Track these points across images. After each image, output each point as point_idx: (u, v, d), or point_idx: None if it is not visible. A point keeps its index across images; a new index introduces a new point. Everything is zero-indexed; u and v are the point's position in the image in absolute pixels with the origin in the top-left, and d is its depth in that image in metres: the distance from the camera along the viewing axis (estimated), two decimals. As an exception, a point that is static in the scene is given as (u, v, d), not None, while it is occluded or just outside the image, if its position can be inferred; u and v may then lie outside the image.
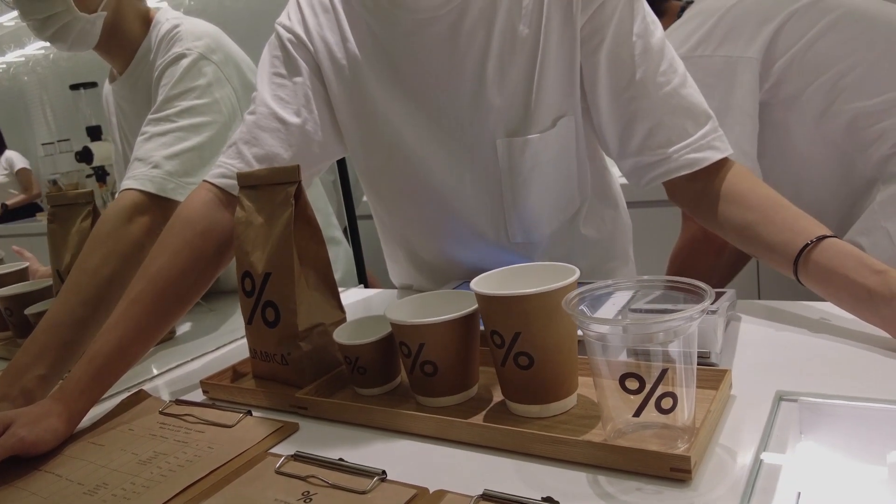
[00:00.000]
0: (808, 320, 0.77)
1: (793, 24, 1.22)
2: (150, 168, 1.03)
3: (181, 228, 0.85)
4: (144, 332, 0.80)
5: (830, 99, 1.20)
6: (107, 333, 0.78)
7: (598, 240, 1.01)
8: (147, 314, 0.80)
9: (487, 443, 0.60)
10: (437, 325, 0.65)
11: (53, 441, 0.71)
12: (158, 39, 1.15)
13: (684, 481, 0.51)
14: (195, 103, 1.09)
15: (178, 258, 0.83)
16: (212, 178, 0.90)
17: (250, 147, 0.90)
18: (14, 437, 0.68)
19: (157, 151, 1.05)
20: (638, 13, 0.84)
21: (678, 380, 0.52)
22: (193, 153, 1.06)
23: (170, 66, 1.11)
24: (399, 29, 0.88)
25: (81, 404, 0.75)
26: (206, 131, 1.09)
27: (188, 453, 0.66)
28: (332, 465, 0.59)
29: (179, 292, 0.83)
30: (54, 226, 1.08)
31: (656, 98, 0.83)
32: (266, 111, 0.91)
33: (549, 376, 0.61)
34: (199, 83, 1.10)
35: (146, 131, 1.08)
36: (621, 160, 0.89)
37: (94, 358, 0.76)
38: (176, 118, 1.08)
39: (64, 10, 1.05)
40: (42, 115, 3.73)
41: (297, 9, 0.94)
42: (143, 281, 0.81)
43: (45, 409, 0.73)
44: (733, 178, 0.82)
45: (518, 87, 0.87)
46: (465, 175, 0.93)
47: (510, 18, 0.85)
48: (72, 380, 0.75)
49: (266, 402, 0.77)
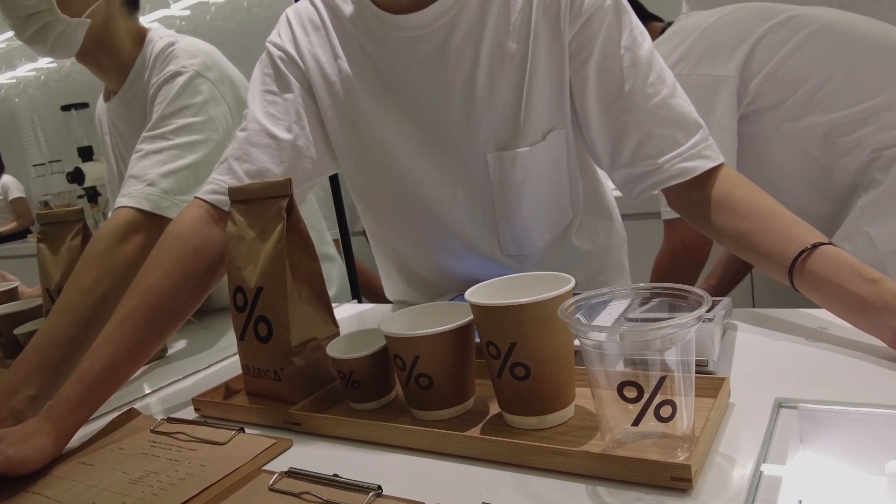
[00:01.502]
0: (804, 328, 0.77)
1: (768, 41, 1.25)
2: (146, 186, 1.03)
3: (173, 245, 0.84)
4: (135, 349, 0.78)
5: (807, 111, 1.22)
6: (97, 351, 0.76)
7: (592, 251, 1.01)
8: (137, 331, 0.78)
9: (484, 456, 0.60)
10: (432, 337, 0.64)
11: (42, 460, 0.70)
12: (153, 57, 1.15)
13: (685, 491, 0.50)
14: (191, 121, 1.09)
15: (169, 275, 0.82)
16: (203, 195, 0.89)
17: (241, 163, 0.90)
18: (1, 455, 0.67)
19: (152, 169, 1.04)
20: (625, 26, 0.84)
21: (677, 388, 0.52)
22: (189, 171, 1.06)
23: (165, 83, 1.10)
24: (389, 47, 0.88)
25: (71, 423, 0.74)
26: (201, 149, 1.09)
27: (180, 471, 0.65)
28: (326, 481, 0.58)
29: (171, 309, 0.82)
30: (44, 244, 1.07)
31: (645, 110, 0.84)
32: (257, 127, 0.91)
33: (545, 387, 0.61)
34: (195, 101, 1.10)
35: (141, 149, 1.07)
36: (613, 172, 0.90)
37: (84, 376, 0.75)
38: (171, 136, 1.07)
39: (46, 9, 1.04)
40: (33, 136, 3.72)
41: (287, 27, 0.94)
42: (134, 298, 0.80)
43: (34, 428, 0.71)
44: (726, 185, 0.82)
45: (507, 102, 0.87)
46: (456, 189, 0.93)
47: (498, 34, 0.86)
48: (61, 398, 0.74)
49: (259, 419, 0.76)
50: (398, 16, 0.86)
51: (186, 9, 2.22)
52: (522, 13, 0.85)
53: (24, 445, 0.69)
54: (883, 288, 0.67)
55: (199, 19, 2.26)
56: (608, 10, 0.84)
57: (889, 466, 0.54)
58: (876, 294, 0.67)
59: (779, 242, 0.75)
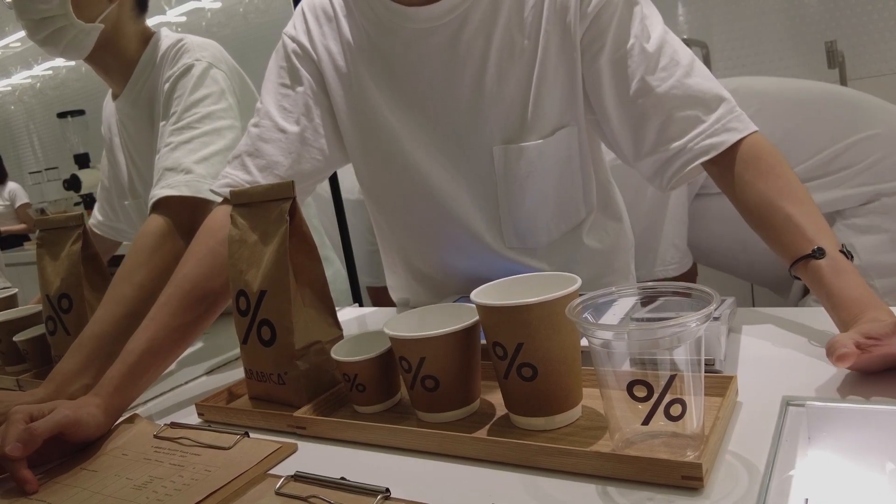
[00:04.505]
0: (808, 326, 0.77)
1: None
2: (184, 174, 1.04)
3: (204, 237, 0.89)
4: (173, 333, 0.83)
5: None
6: (139, 335, 0.82)
7: (600, 250, 1.01)
8: (173, 316, 0.83)
9: (492, 457, 0.59)
10: (438, 339, 0.64)
11: (94, 427, 0.75)
12: (160, 53, 1.15)
13: (696, 489, 0.50)
14: (213, 108, 1.10)
15: (201, 263, 0.86)
16: (219, 188, 0.93)
17: (254, 159, 0.93)
18: (60, 414, 0.72)
19: (185, 158, 1.05)
20: (636, 16, 0.84)
21: (686, 387, 0.52)
22: (220, 156, 1.07)
23: (182, 76, 1.11)
24: (399, 38, 0.89)
25: (117, 400, 0.78)
26: (228, 134, 1.10)
27: (184, 476, 0.65)
28: (333, 484, 0.58)
29: (204, 295, 0.85)
30: (43, 250, 1.06)
31: (661, 94, 0.83)
32: (269, 123, 0.94)
33: (553, 387, 0.60)
34: (214, 89, 1.11)
35: (171, 142, 1.08)
36: (640, 162, 0.88)
37: (126, 357, 0.80)
38: (197, 125, 1.08)
39: (61, 14, 1.05)
40: (29, 143, 3.71)
41: (302, 19, 0.96)
42: (172, 286, 0.85)
43: (86, 401, 0.77)
44: (749, 161, 0.80)
45: (515, 96, 0.88)
46: (462, 181, 0.93)
47: (509, 29, 0.86)
48: (106, 379, 0.79)
49: (263, 423, 0.75)
50: (411, 7, 0.86)
51: (182, 15, 2.22)
52: (534, 10, 0.85)
53: (80, 410, 0.74)
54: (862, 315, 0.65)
55: (195, 25, 2.26)
56: (618, 3, 0.84)
57: (888, 468, 0.54)
58: (852, 319, 0.66)
59: (779, 244, 0.76)
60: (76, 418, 0.73)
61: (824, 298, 0.69)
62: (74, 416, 0.73)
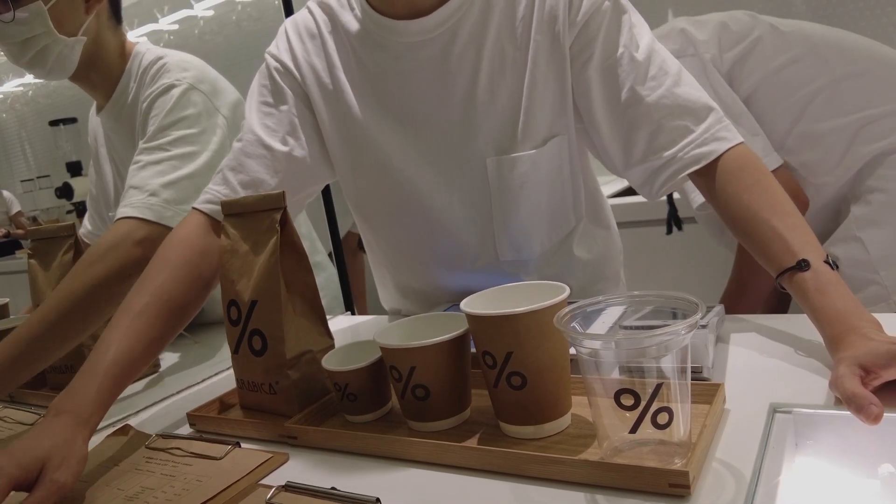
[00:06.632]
0: (794, 334, 0.78)
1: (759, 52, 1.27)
2: (148, 196, 1.04)
3: (180, 247, 0.86)
4: (150, 345, 0.79)
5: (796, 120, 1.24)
6: (117, 344, 0.76)
7: (590, 260, 1.01)
8: (152, 327, 0.79)
9: (483, 466, 0.60)
10: (428, 348, 0.64)
11: (83, 469, 0.67)
12: (140, 70, 1.15)
13: (683, 497, 0.51)
14: (187, 132, 1.10)
15: (179, 273, 0.83)
16: (199, 205, 0.91)
17: (236, 174, 0.91)
18: (55, 485, 0.63)
19: (153, 179, 1.05)
20: (624, 25, 0.85)
21: (673, 395, 0.52)
22: (188, 181, 1.07)
23: (160, 96, 1.12)
24: (388, 52, 0.89)
25: (97, 418, 0.72)
26: (198, 160, 1.10)
27: (176, 487, 0.65)
28: (324, 494, 0.58)
29: (181, 307, 0.83)
30: (34, 260, 1.07)
31: (650, 103, 0.83)
32: (252, 138, 0.92)
33: (542, 396, 0.61)
34: (190, 112, 1.11)
35: (140, 160, 1.08)
36: (629, 171, 0.88)
37: (111, 368, 0.74)
38: (169, 147, 1.09)
39: (44, 32, 1.05)
40: (21, 151, 3.69)
41: (284, 38, 0.95)
42: (147, 295, 0.81)
43: (68, 438, 0.68)
44: (735, 172, 0.80)
45: (507, 107, 0.88)
46: (453, 193, 0.93)
47: (500, 40, 0.86)
48: (88, 394, 0.72)
49: (254, 433, 0.76)
50: (400, 21, 0.86)
51: (175, 23, 2.22)
52: (524, 20, 0.86)
53: (70, 463, 0.66)
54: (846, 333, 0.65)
55: (188, 34, 2.26)
56: (606, 11, 0.84)
57: (883, 469, 0.54)
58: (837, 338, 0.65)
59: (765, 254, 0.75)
60: (71, 482, 0.65)
61: (809, 312, 0.70)
62: (70, 480, 0.65)
